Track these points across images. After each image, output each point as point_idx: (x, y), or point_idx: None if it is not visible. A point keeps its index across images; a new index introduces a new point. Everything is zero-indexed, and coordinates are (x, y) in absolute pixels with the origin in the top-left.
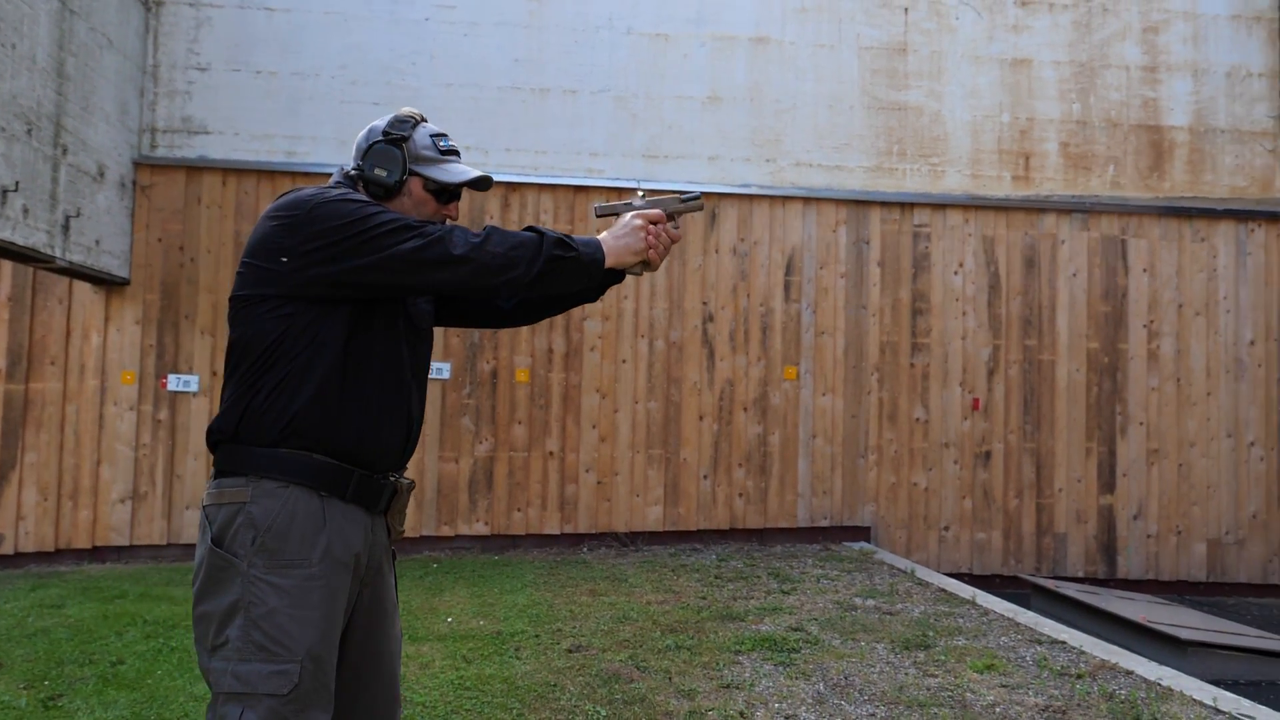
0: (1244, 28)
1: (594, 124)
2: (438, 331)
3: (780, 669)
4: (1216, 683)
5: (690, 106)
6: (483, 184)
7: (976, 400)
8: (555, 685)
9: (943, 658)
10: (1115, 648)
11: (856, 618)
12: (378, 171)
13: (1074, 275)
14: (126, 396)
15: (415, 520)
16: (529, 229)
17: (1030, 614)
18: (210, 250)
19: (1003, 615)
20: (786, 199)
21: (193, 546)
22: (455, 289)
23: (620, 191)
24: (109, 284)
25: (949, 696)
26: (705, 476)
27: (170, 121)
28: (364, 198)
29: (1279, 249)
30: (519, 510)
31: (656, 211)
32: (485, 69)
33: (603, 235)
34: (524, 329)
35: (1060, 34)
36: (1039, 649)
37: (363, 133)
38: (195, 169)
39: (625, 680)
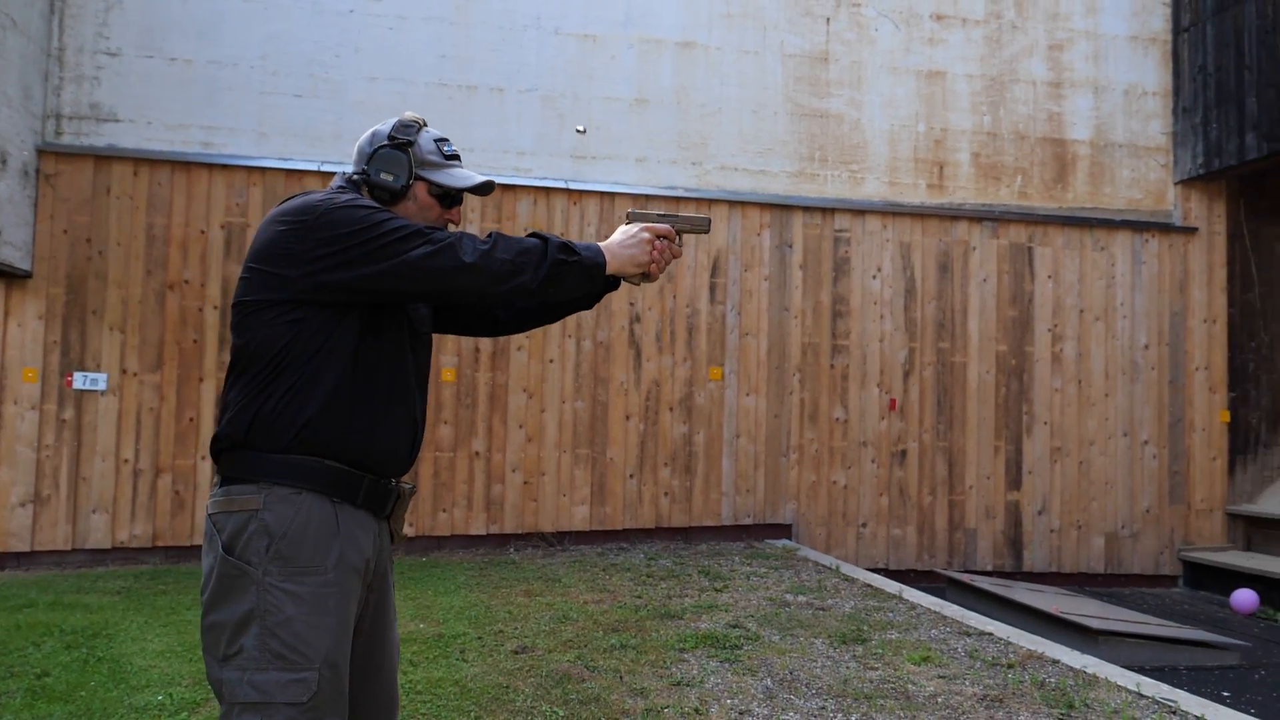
0: (1141, 48)
1: (521, 123)
2: None
3: (726, 665)
4: (1126, 669)
5: (618, 108)
6: (486, 189)
7: (893, 400)
8: (507, 687)
9: (880, 651)
10: (1040, 639)
11: (791, 613)
12: (383, 176)
13: (984, 281)
14: (28, 395)
15: None
16: (532, 234)
17: (955, 607)
18: (120, 243)
19: (929, 609)
20: (712, 201)
21: (100, 551)
22: (465, 296)
23: (549, 192)
24: (9, 276)
25: (891, 688)
26: (631, 476)
27: (77, 108)
28: (373, 203)
29: (1170, 259)
30: (444, 511)
31: (665, 226)
32: (411, 64)
33: (607, 242)
34: None
35: (973, 48)
36: (969, 640)
37: (365, 137)
38: (104, 158)
39: (577, 680)
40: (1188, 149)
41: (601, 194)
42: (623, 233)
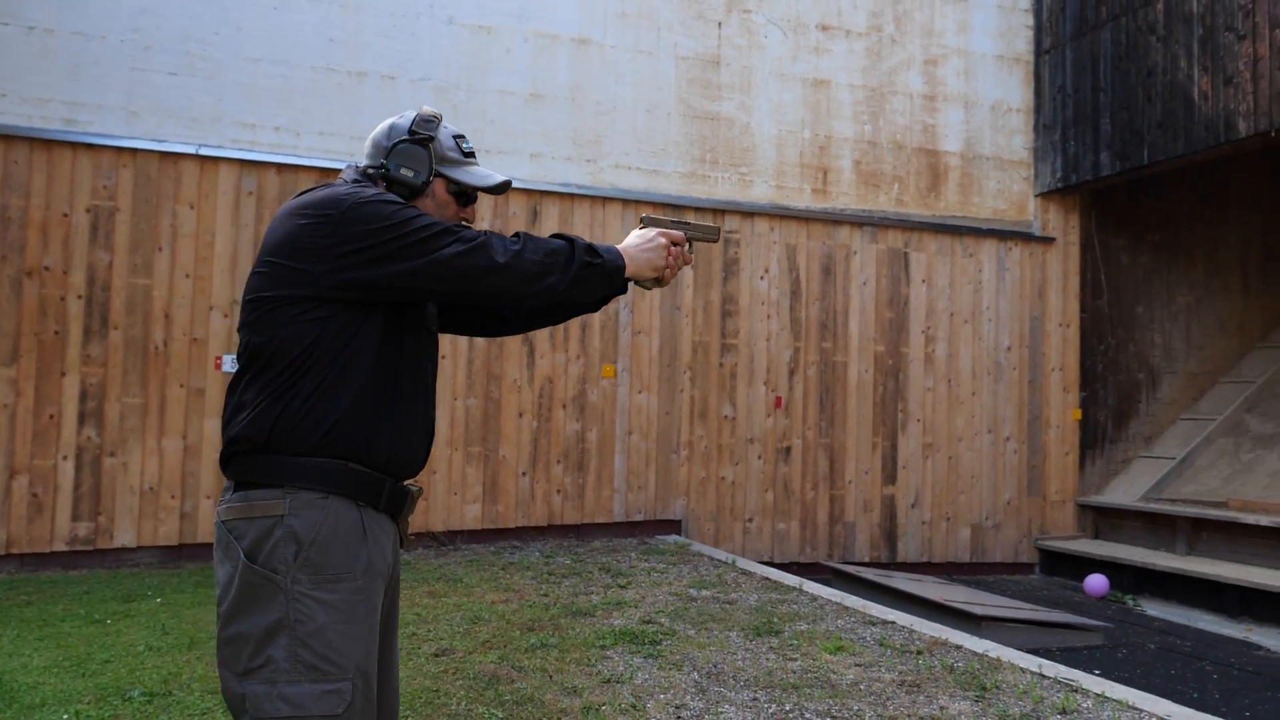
0: (1006, 67)
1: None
2: None
3: (651, 661)
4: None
5: (513, 102)
6: (503, 188)
7: (779, 398)
8: (437, 691)
9: (795, 642)
10: (941, 626)
11: (699, 608)
12: (404, 171)
13: (864, 284)
14: None
15: None
16: (556, 236)
17: (855, 599)
18: None
19: (831, 600)
20: (607, 200)
21: None
22: (495, 297)
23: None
24: None
25: (815, 678)
26: (524, 473)
27: None
28: (400, 200)
29: (1030, 266)
30: None
31: (678, 234)
32: (298, 47)
33: (624, 245)
34: None
35: (855, 59)
36: (875, 630)
37: (381, 130)
38: None
39: (507, 681)
40: (1047, 164)
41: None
42: (639, 236)
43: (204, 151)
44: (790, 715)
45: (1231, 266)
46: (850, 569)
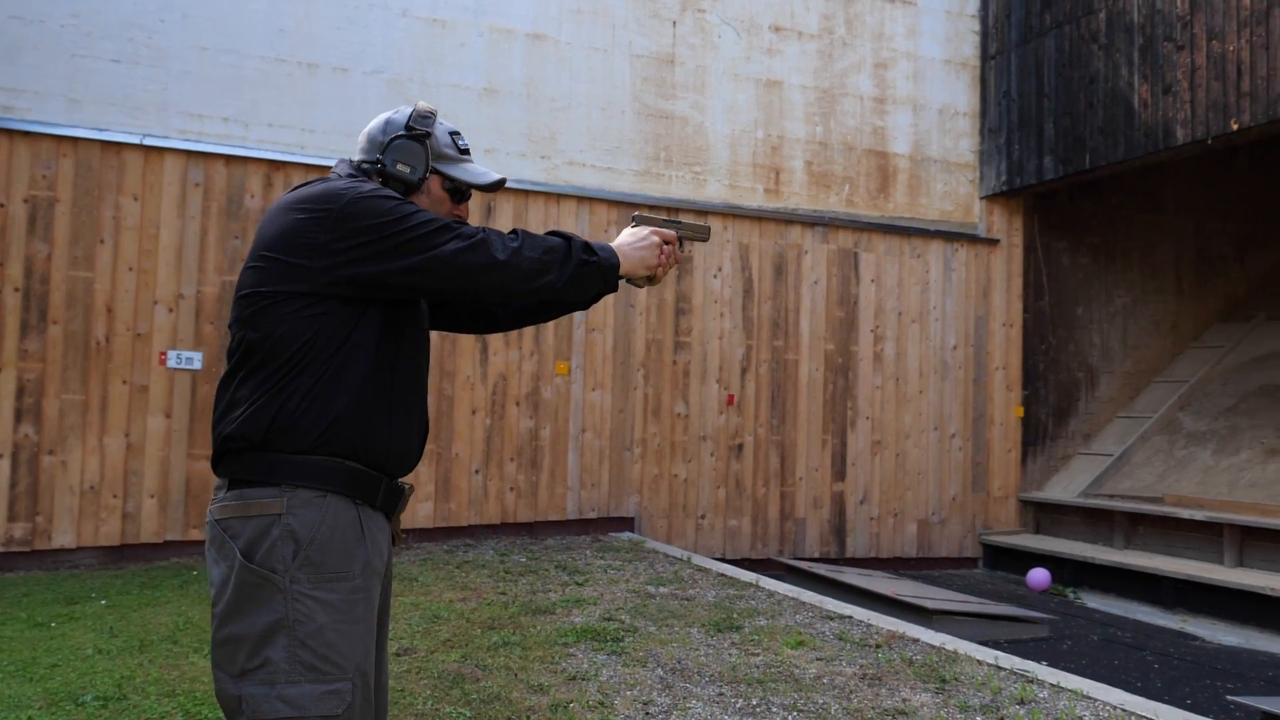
0: (953, 72)
1: (366, 106)
2: (189, 319)
3: (615, 658)
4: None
5: (467, 97)
6: (498, 187)
7: (731, 396)
8: (403, 690)
9: (756, 637)
10: (897, 620)
11: (659, 604)
12: (400, 167)
13: (815, 283)
14: None
15: (159, 525)
16: (552, 233)
17: (811, 594)
18: None
19: (788, 596)
20: (561, 197)
21: None
22: (493, 294)
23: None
24: None
25: (778, 672)
26: (477, 471)
27: None
28: (398, 195)
29: (976, 267)
30: None
31: (670, 232)
32: (247, 36)
33: (618, 243)
34: None
35: (807, 61)
36: (833, 624)
37: (377, 124)
38: None
39: (472, 680)
40: (993, 167)
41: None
42: (633, 235)
43: (149, 141)
44: (758, 710)
45: (1166, 269)
46: (802, 564)
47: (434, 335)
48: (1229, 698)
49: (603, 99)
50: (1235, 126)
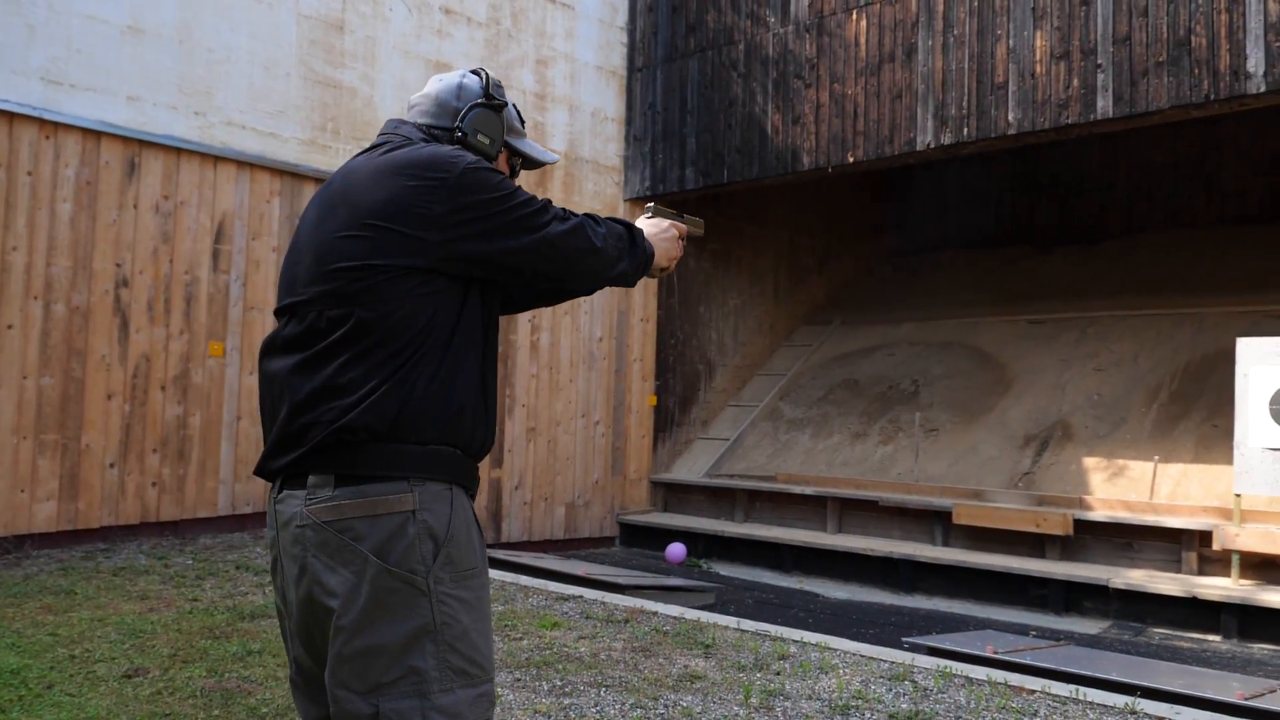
0: (604, 78)
1: None
2: None
3: None
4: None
5: (106, 32)
6: (553, 162)
7: None
8: (168, 715)
9: (509, 622)
10: (638, 599)
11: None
12: (481, 138)
13: None
14: None
15: None
16: (589, 217)
17: (527, 578)
18: None
19: (507, 581)
20: (219, 159)
21: None
22: (583, 280)
23: (12, 118)
24: None
25: (554, 654)
26: (112, 465)
27: None
28: (495, 168)
29: None
30: None
31: (683, 226)
32: None
33: (646, 233)
34: None
35: (475, 48)
36: (570, 605)
37: (447, 88)
38: None
39: (243, 694)
40: (637, 172)
41: (85, 131)
42: (655, 226)
43: None
44: (566, 689)
45: (767, 276)
46: (500, 553)
47: (61, 308)
48: (904, 639)
49: (266, 57)
50: (852, 159)
